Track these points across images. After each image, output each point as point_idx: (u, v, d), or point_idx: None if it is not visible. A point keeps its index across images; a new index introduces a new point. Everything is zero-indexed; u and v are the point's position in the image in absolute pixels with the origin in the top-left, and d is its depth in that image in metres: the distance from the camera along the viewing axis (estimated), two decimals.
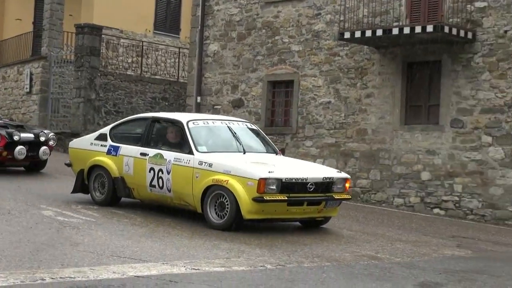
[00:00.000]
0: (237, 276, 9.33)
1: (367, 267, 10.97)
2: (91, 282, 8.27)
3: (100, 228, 12.21)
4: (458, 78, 19.75)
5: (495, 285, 10.36)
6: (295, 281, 9.28)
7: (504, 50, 19.03)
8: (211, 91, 24.50)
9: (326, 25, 22.13)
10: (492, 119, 19.15)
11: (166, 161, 13.74)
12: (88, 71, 26.15)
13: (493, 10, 19.27)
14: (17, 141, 16.54)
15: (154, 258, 10.12)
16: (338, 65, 21.86)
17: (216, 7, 24.54)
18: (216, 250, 11.23)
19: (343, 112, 21.66)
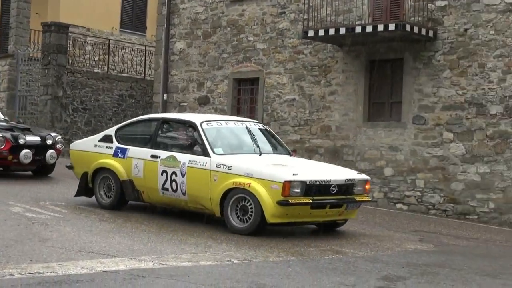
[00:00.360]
0: (204, 271, 9.49)
1: (331, 261, 11.13)
2: (60, 277, 8.38)
3: (68, 224, 12.28)
4: (420, 76, 19.95)
5: (457, 278, 10.52)
6: (261, 275, 9.43)
7: (464, 48, 19.26)
8: (178, 89, 24.56)
9: (290, 23, 22.26)
10: (453, 116, 19.38)
11: (180, 163, 13.23)
12: (55, 69, 26.12)
13: (454, 9, 19.49)
14: (23, 145, 16.10)
15: (122, 253, 10.24)
16: (302, 63, 22.01)
17: (182, 6, 24.59)
18: (183, 245, 11.36)
19: (307, 109, 21.81)
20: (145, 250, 10.65)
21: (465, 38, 19.30)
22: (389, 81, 20.69)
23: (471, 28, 19.23)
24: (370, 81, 20.92)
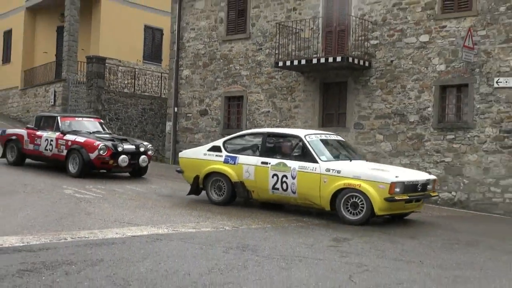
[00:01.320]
0: (204, 235, 9.69)
1: (296, 228, 11.32)
2: (100, 240, 8.61)
3: (106, 202, 12.44)
4: (359, 94, 20.09)
5: (385, 238, 10.67)
6: (246, 238, 9.62)
7: (391, 74, 19.44)
8: (185, 104, 24.61)
9: (265, 56, 22.34)
10: (383, 123, 19.56)
11: (290, 168, 12.55)
12: (96, 89, 26.14)
13: (383, 46, 19.67)
14: (121, 152, 15.79)
15: (145, 223, 10.44)
16: (274, 85, 22.09)
17: (187, 44, 24.65)
18: (189, 217, 11.53)
19: (278, 118, 21.89)
20: (161, 220, 10.85)
21: (391, 67, 19.47)
22: (337, 98, 20.77)
23: (395, 59, 19.40)
24: (323, 98, 21.01)
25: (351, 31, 20.19)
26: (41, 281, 6.26)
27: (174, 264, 7.40)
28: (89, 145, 15.62)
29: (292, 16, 21.60)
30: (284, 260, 8.03)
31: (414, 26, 19.12)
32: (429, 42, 18.83)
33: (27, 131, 17.29)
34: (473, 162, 17.84)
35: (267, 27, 22.33)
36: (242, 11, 23.10)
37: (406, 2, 19.29)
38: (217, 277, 6.86)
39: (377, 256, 8.86)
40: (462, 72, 18.23)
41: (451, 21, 18.52)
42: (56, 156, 16.26)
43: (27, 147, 17.03)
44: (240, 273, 7.17)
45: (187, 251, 8.25)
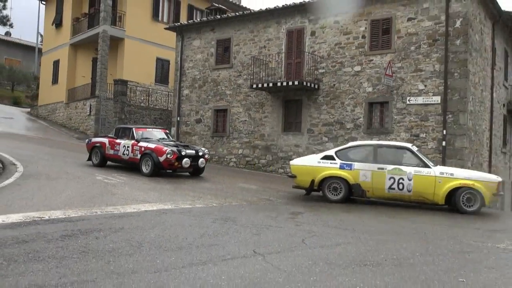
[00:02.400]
0: (198, 210, 9.65)
1: (264, 205, 11.32)
2: (122, 214, 8.57)
3: (127, 186, 12.34)
4: (310, 108, 20.17)
5: (328, 212, 10.72)
6: (228, 212, 9.61)
7: (333, 94, 19.53)
8: (185, 114, 24.53)
9: (243, 80, 22.35)
10: (327, 129, 19.64)
11: (406, 172, 12.01)
12: (120, 103, 26.01)
13: (328, 73, 19.76)
14: (184, 155, 15.17)
15: (155, 200, 10.38)
16: (250, 101, 22.10)
17: (188, 71, 24.57)
18: (187, 196, 11.48)
19: (252, 125, 21.91)
20: (167, 199, 10.78)
21: (334, 89, 19.56)
22: (294, 111, 20.80)
23: (337, 83, 19.50)
24: (285, 111, 21.04)
25: (305, 63, 20.25)
26: (77, 243, 6.24)
27: (176, 231, 7.38)
28: (159, 150, 15.02)
29: (263, 52, 21.61)
30: (256, 228, 8.03)
31: (350, 60, 19.21)
32: (361, 71, 18.93)
33: (108, 139, 16.66)
34: None
35: (245, 59, 22.31)
36: (227, 48, 23.09)
37: (345, 43, 19.38)
38: (207, 240, 6.85)
39: (322, 225, 8.89)
40: (384, 93, 18.34)
41: (376, 56, 18.63)
42: (132, 159, 15.68)
43: (108, 152, 16.38)
44: (223, 237, 7.16)
45: (185, 221, 8.23)
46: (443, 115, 17.06)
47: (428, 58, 17.52)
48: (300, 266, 5.73)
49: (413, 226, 9.59)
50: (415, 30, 17.84)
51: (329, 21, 19.84)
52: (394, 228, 9.19)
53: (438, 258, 6.60)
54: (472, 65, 17.50)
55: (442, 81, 17.16)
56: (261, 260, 5.93)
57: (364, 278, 5.38)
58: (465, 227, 10.00)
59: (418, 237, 8.28)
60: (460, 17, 17.05)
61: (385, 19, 18.50)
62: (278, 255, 6.22)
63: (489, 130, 20.18)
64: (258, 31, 21.95)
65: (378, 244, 7.40)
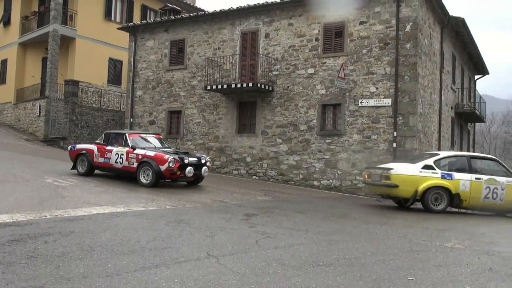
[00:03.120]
0: (151, 212, 9.53)
1: (218, 206, 11.27)
2: (72, 217, 8.34)
3: (77, 188, 12.05)
4: (265, 110, 20.26)
5: (283, 214, 10.80)
6: (182, 214, 9.52)
7: (287, 96, 19.67)
8: (138, 116, 24.20)
9: (198, 82, 22.23)
10: (281, 130, 19.77)
11: (499, 182, 12.66)
12: (71, 104, 25.37)
13: (282, 76, 19.89)
14: (187, 163, 14.04)
15: (107, 203, 10.17)
16: (204, 102, 22.00)
17: (141, 72, 24.26)
18: (140, 199, 11.31)
19: (206, 127, 21.82)
20: (119, 202, 10.59)
21: (287, 91, 19.71)
22: (249, 113, 20.85)
23: (290, 86, 19.64)
24: (239, 112, 21.06)
25: (259, 65, 20.33)
26: (25, 248, 6.05)
27: (128, 234, 7.27)
28: (159, 158, 13.84)
29: (217, 53, 21.58)
30: (209, 230, 8.00)
31: (304, 62, 19.40)
32: (314, 74, 19.14)
33: (97, 146, 15.37)
34: (344, 159, 18.22)
35: (199, 61, 22.22)
36: (181, 49, 22.94)
37: (298, 45, 19.56)
38: (160, 243, 6.77)
39: (276, 226, 8.92)
40: (337, 95, 18.59)
41: (329, 59, 18.87)
42: (126, 168, 14.41)
43: (97, 160, 15.08)
44: (177, 240, 7.10)
45: (138, 224, 8.11)
46: (393, 117, 17.43)
47: (380, 61, 17.87)
48: (253, 268, 5.74)
49: (364, 227, 9.75)
50: (367, 34, 18.17)
51: (283, 24, 19.99)
52: (346, 229, 9.32)
53: (388, 258, 6.73)
54: (421, 69, 17.96)
55: (393, 84, 17.53)
56: (214, 262, 5.91)
57: (317, 279, 5.43)
58: (414, 226, 10.24)
59: (370, 237, 8.43)
60: (410, 22, 17.48)
61: (338, 22, 18.77)
62: (231, 257, 6.22)
63: (437, 132, 20.75)
64: (213, 33, 21.90)
65: (330, 245, 7.49)
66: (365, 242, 7.92)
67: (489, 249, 7.81)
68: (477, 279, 5.75)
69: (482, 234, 9.82)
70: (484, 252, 7.48)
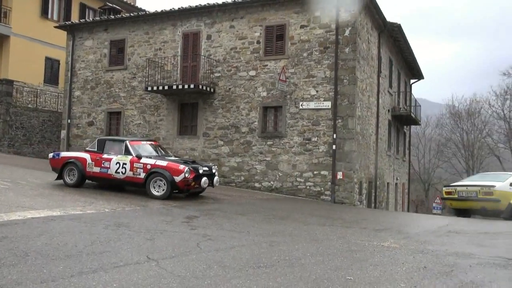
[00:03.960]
0: (89, 216, 9.30)
1: (159, 209, 11.14)
2: (6, 222, 8.04)
3: (11, 191, 11.59)
4: (206, 112, 20.19)
5: (224, 216, 10.81)
6: (121, 217, 9.35)
7: (229, 98, 19.69)
8: (76, 117, 23.59)
9: (138, 83, 21.92)
10: (223, 132, 19.76)
11: None
12: (5, 104, 24.40)
13: (223, 77, 19.88)
14: (202, 174, 13.21)
15: (42, 207, 9.85)
16: (145, 104, 21.71)
17: (79, 71, 23.66)
18: (77, 202, 11.03)
19: (147, 128, 21.53)
20: (55, 205, 10.28)
21: (229, 93, 19.72)
22: (190, 114, 20.73)
23: (232, 87, 19.67)
24: (181, 114, 20.91)
25: (201, 66, 20.25)
26: None
27: (65, 238, 7.07)
28: (174, 169, 12.93)
29: (158, 54, 21.34)
30: (149, 233, 7.89)
31: (245, 64, 19.48)
32: (255, 76, 19.24)
33: (90, 154, 14.00)
34: (285, 161, 18.41)
35: (140, 61, 21.91)
36: (121, 49, 22.55)
37: (240, 47, 19.62)
38: (98, 247, 6.62)
39: (217, 229, 8.91)
40: (278, 98, 18.77)
41: (271, 62, 19.03)
42: (130, 179, 13.32)
43: (91, 170, 13.79)
44: (115, 243, 6.96)
45: (75, 228, 7.90)
46: (333, 119, 17.75)
47: (320, 65, 18.17)
48: (194, 271, 5.71)
49: (304, 228, 9.88)
50: (307, 37, 18.44)
51: (225, 26, 20.00)
52: (287, 230, 9.41)
53: (327, 258, 6.85)
54: (360, 72, 18.39)
55: (333, 87, 17.86)
56: (154, 265, 5.84)
57: (257, 280, 5.46)
58: (353, 227, 10.46)
59: (310, 238, 8.55)
60: (349, 26, 17.86)
61: (279, 25, 18.95)
62: (172, 260, 6.15)
63: (375, 134, 21.30)
64: (154, 33, 21.65)
65: (271, 246, 7.54)
66: (305, 243, 8.02)
67: (423, 248, 8.07)
68: (412, 277, 5.93)
69: (417, 233, 10.16)
70: (419, 251, 7.73)
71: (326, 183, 17.57)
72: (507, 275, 6.19)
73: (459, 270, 6.39)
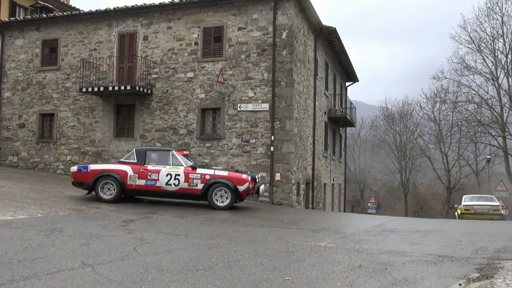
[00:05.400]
0: (20, 221, 9.01)
1: (95, 213, 10.94)
2: None
3: None
4: (143, 114, 19.91)
5: (161, 219, 10.72)
6: (55, 222, 9.11)
7: (167, 100, 19.50)
8: (6, 118, 22.66)
9: (72, 84, 21.32)
10: (161, 134, 19.55)
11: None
12: None
13: (161, 79, 19.68)
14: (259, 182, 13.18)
15: None
16: (79, 105, 21.15)
17: (9, 72, 22.76)
18: (8, 207, 10.64)
19: (82, 130, 20.99)
20: None
21: (167, 94, 19.54)
22: (127, 116, 20.37)
23: (170, 89, 19.50)
24: (117, 116, 20.52)
25: (138, 67, 19.96)
26: None
27: None
28: (237, 178, 12.86)
29: (93, 55, 20.87)
30: (85, 238, 7.71)
31: (183, 66, 19.36)
32: (193, 78, 19.16)
33: (132, 166, 13.24)
34: (224, 162, 18.41)
35: (74, 62, 21.34)
36: (54, 49, 21.89)
37: (177, 49, 19.49)
38: (30, 254, 6.41)
39: (155, 232, 8.82)
40: (216, 100, 18.76)
41: (208, 63, 19.00)
42: (184, 190, 12.95)
43: (133, 183, 13.08)
44: (48, 249, 6.76)
45: (5, 234, 7.61)
46: (271, 121, 17.91)
47: (257, 67, 18.30)
48: (131, 275, 5.62)
49: (243, 230, 9.92)
50: (245, 40, 18.53)
51: (162, 27, 19.80)
52: (226, 232, 9.42)
53: (266, 259, 6.90)
54: (297, 75, 18.65)
55: (270, 89, 18.03)
56: (90, 271, 5.70)
57: (196, 283, 5.43)
58: (291, 228, 10.60)
59: (248, 240, 8.59)
60: (286, 29, 18.09)
61: (217, 27, 18.95)
62: (108, 265, 6.03)
63: (312, 136, 21.65)
64: (88, 33, 21.14)
65: (210, 249, 7.53)
66: (244, 244, 8.06)
67: (359, 247, 8.28)
68: (348, 276, 6.07)
69: (353, 233, 10.41)
70: (355, 250, 7.92)
71: (265, 184, 17.70)
72: (437, 271, 6.44)
73: (392, 267, 6.60)
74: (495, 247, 8.48)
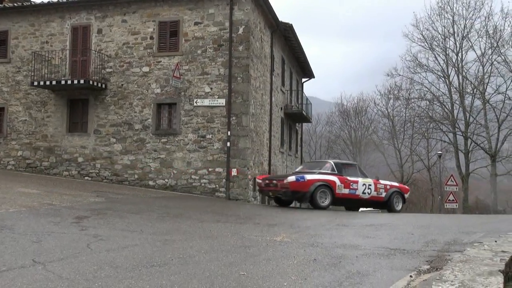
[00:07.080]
0: None
1: (46, 209, 10.65)
2: None
3: None
4: (98, 108, 19.59)
5: (117, 215, 10.56)
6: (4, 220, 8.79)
7: (122, 94, 19.25)
8: None
9: (23, 77, 20.76)
10: (115, 130, 19.28)
11: None
12: None
13: (116, 73, 19.39)
14: None
15: None
16: (30, 99, 20.61)
17: None
18: None
19: (34, 125, 20.47)
20: None
21: (122, 89, 19.29)
22: (80, 111, 20.01)
23: (125, 84, 19.25)
24: (70, 110, 20.11)
25: (91, 61, 19.62)
26: None
27: None
28: (404, 188, 16.46)
29: (45, 48, 20.38)
30: (36, 235, 7.52)
31: (138, 60, 19.14)
32: (149, 72, 18.97)
33: (338, 177, 15.04)
34: (180, 158, 18.31)
35: (25, 54, 20.79)
36: (3, 41, 21.26)
37: (133, 43, 19.24)
38: None
39: (109, 229, 8.69)
40: (172, 94, 18.63)
41: (164, 58, 18.84)
42: (374, 198, 15.45)
43: (340, 192, 14.95)
44: None
45: None
46: (227, 117, 17.91)
47: (214, 62, 18.25)
48: (84, 273, 5.52)
49: (199, 225, 9.88)
50: (201, 34, 18.44)
51: (117, 20, 19.49)
52: (181, 228, 9.37)
53: (222, 254, 6.90)
54: (253, 70, 18.69)
55: (227, 85, 18.02)
56: (41, 269, 5.57)
57: (150, 279, 5.38)
58: (247, 223, 10.63)
59: (204, 235, 8.57)
60: (242, 25, 18.09)
61: (172, 21, 18.79)
62: (60, 263, 5.91)
63: (268, 132, 21.76)
64: (40, 25, 20.62)
65: (165, 245, 7.47)
66: (200, 240, 8.03)
67: (313, 241, 8.38)
68: (303, 270, 6.13)
69: (308, 227, 10.52)
70: (310, 244, 8.00)
71: (221, 180, 17.70)
72: (389, 264, 6.58)
73: (346, 261, 6.70)
74: (445, 239, 8.71)
